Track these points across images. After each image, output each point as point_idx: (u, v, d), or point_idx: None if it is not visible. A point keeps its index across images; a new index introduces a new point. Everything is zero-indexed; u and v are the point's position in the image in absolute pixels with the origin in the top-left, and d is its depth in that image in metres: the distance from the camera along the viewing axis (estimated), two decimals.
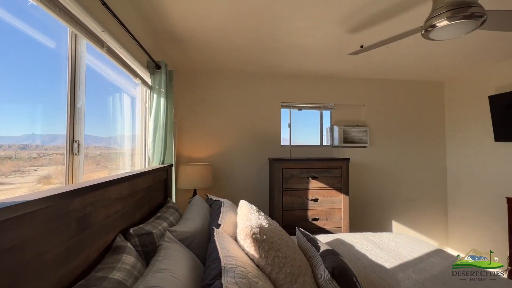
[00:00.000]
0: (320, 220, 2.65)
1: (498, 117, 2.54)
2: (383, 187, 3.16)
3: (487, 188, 2.76)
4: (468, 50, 2.35)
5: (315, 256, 1.13)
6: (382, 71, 2.97)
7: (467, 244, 2.98)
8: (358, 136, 3.09)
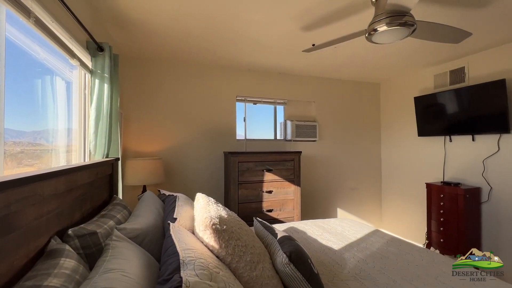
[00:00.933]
0: (274, 211, 2.75)
1: (420, 115, 2.99)
2: (330, 177, 3.44)
3: (412, 176, 3.24)
4: (399, 57, 2.70)
5: (273, 243, 1.16)
6: (331, 71, 3.20)
7: (397, 224, 3.46)
8: (308, 130, 3.28)
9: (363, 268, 1.36)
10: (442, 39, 1.74)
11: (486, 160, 2.47)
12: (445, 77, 2.84)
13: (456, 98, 2.63)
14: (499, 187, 2.38)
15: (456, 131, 2.66)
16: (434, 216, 2.67)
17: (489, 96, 2.35)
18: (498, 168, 2.38)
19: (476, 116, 2.48)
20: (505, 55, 2.34)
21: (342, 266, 1.38)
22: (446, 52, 2.59)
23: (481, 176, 2.50)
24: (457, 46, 2.43)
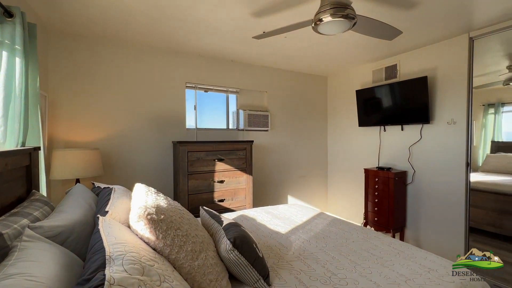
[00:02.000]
0: (226, 201, 2.72)
1: (361, 107, 3.26)
2: (281, 166, 3.55)
3: (353, 162, 3.55)
4: (343, 52, 2.87)
5: (219, 231, 1.13)
6: (283, 62, 3.25)
7: (340, 206, 3.77)
8: (261, 120, 3.31)
9: (307, 248, 1.43)
10: (378, 34, 1.89)
11: (411, 147, 2.83)
12: (381, 73, 3.14)
13: (390, 92, 2.93)
14: (420, 170, 2.76)
15: (389, 121, 2.98)
16: (370, 198, 2.98)
17: (414, 91, 2.67)
18: (420, 154, 2.76)
19: (404, 108, 2.81)
20: (428, 55, 2.68)
21: (287, 248, 1.43)
22: (382, 50, 2.84)
23: (407, 161, 2.86)
24: (391, 45, 2.69)
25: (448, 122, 2.52)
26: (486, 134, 4.59)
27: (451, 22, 2.17)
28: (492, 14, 2.03)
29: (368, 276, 1.15)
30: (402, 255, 1.37)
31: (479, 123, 4.63)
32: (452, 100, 2.50)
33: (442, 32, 2.38)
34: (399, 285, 1.09)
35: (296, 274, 1.16)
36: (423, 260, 1.31)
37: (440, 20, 2.12)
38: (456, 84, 2.48)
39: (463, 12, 2.00)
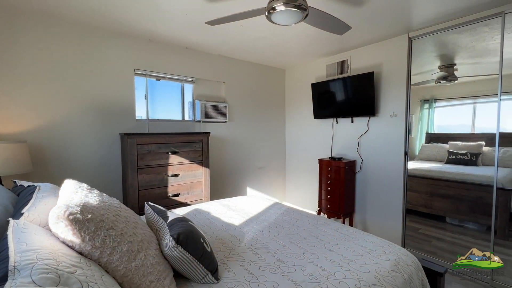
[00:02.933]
0: (182, 195, 2.61)
1: (316, 100, 3.38)
2: (240, 158, 3.53)
3: (309, 153, 3.69)
4: (300, 45, 2.92)
5: (163, 227, 1.06)
6: (241, 52, 3.18)
7: (298, 196, 3.91)
8: (218, 111, 3.22)
9: (259, 239, 1.43)
10: (329, 28, 1.94)
11: (359, 138, 3.04)
12: (334, 67, 3.28)
13: (341, 86, 3.08)
14: (367, 159, 2.98)
15: (341, 114, 3.15)
16: (323, 186, 3.14)
17: (363, 85, 2.85)
18: (367, 144, 2.98)
19: (354, 102, 2.99)
20: (375, 52, 2.87)
21: (240, 240, 1.41)
22: (335, 45, 2.96)
23: (356, 151, 3.07)
24: (343, 41, 2.82)
25: (391, 115, 2.76)
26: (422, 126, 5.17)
27: (393, 22, 2.34)
28: (426, 16, 2.24)
29: (315, 261, 1.19)
30: (347, 238, 1.46)
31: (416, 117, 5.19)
32: (394, 95, 2.73)
33: (386, 31, 2.56)
34: (342, 267, 1.15)
35: (246, 266, 1.14)
36: (365, 242, 1.41)
37: (384, 19, 2.27)
38: (397, 80, 2.70)
39: (403, 13, 2.17)
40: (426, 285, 1.28)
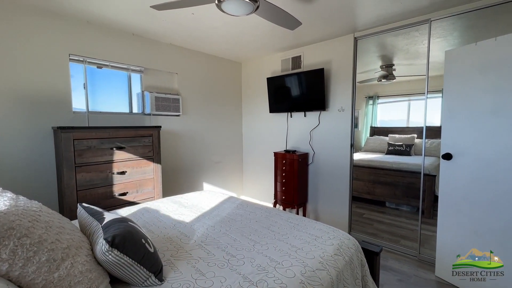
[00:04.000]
0: (130, 194, 2.42)
1: (271, 94, 3.43)
2: (195, 153, 3.42)
3: (265, 147, 3.75)
4: (255, 38, 2.91)
5: (97, 230, 0.96)
6: (194, 42, 3.04)
7: (255, 189, 3.97)
8: (171, 104, 3.05)
9: (210, 234, 1.40)
10: (281, 22, 1.96)
11: (312, 131, 3.19)
12: (288, 63, 3.36)
13: (295, 81, 3.18)
14: (318, 151, 3.15)
15: (295, 108, 3.25)
16: (279, 178, 3.23)
17: (314, 81, 2.98)
18: (318, 137, 3.14)
19: (307, 96, 3.11)
20: (325, 49, 3.01)
21: (189, 237, 1.36)
22: (289, 41, 3.03)
23: (309, 144, 3.22)
24: (296, 37, 2.89)
25: (339, 110, 2.94)
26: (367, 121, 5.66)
27: (341, 21, 2.47)
28: (369, 18, 2.41)
29: (265, 252, 1.21)
30: (297, 227, 1.52)
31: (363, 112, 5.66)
32: (342, 91, 2.91)
33: (335, 30, 2.70)
34: (290, 255, 1.19)
35: (194, 263, 1.11)
36: (313, 230, 1.49)
37: (333, 18, 2.38)
38: (344, 77, 2.88)
39: (348, 14, 2.30)
40: (364, 264, 1.41)
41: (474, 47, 1.91)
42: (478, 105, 1.89)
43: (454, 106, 2.03)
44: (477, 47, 1.89)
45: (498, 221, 1.78)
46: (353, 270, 1.30)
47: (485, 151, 1.85)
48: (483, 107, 1.86)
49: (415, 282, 2.08)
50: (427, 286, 2.03)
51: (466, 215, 1.96)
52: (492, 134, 1.81)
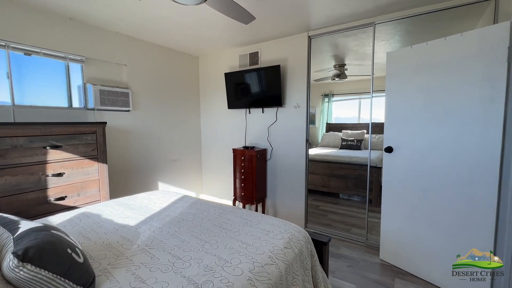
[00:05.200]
0: (70, 198, 2.17)
1: (229, 90, 3.38)
2: (149, 151, 3.21)
3: (224, 143, 3.69)
4: (211, 32, 2.81)
5: (7, 243, 0.81)
6: (144, 32, 2.83)
7: (215, 187, 3.88)
8: (119, 98, 2.80)
9: (157, 237, 1.31)
10: (234, 16, 1.91)
11: (269, 127, 3.23)
12: (246, 58, 3.34)
13: (252, 77, 3.17)
14: (276, 147, 3.20)
15: (253, 105, 3.25)
16: (238, 175, 3.21)
17: (271, 78, 3.01)
18: (276, 133, 3.19)
19: (264, 93, 3.13)
20: (282, 47, 3.05)
21: (132, 242, 1.26)
22: (247, 36, 3.00)
23: (267, 140, 3.25)
24: (253, 33, 2.87)
25: (295, 106, 3.01)
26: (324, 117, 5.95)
27: (295, 19, 2.52)
28: (321, 18, 2.50)
29: (214, 252, 1.17)
30: (250, 223, 1.51)
31: (319, 109, 5.93)
32: (298, 88, 2.99)
33: (290, 28, 2.74)
34: (240, 252, 1.17)
35: (135, 270, 1.02)
36: (265, 225, 1.49)
37: (287, 15, 2.41)
38: (300, 75, 2.96)
39: (302, 12, 2.35)
40: (314, 254, 1.46)
41: (410, 50, 2.10)
42: (414, 102, 2.09)
43: (394, 103, 2.22)
44: (413, 50, 2.09)
45: (429, 206, 2.00)
46: (303, 262, 1.33)
47: (420, 143, 2.06)
48: (417, 104, 2.06)
49: (362, 266, 2.24)
50: (373, 268, 2.21)
51: (404, 202, 2.16)
52: (425, 128, 2.02)
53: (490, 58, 1.67)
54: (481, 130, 1.72)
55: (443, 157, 1.92)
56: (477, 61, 1.73)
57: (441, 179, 1.93)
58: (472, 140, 1.77)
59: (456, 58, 1.83)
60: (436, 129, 1.95)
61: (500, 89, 1.64)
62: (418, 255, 2.08)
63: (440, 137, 1.93)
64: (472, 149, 1.77)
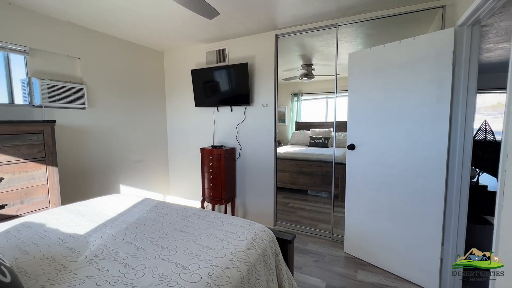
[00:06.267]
0: (11, 206, 1.93)
1: (196, 87, 3.27)
2: (109, 151, 2.98)
3: (192, 143, 3.57)
4: (176, 27, 2.68)
5: None
6: (100, 23, 2.61)
7: (183, 188, 3.75)
8: (72, 94, 2.56)
9: (109, 245, 1.21)
10: (196, 9, 1.83)
11: (238, 126, 3.18)
12: (213, 55, 3.25)
13: (220, 75, 3.10)
14: (245, 146, 3.17)
15: (221, 103, 3.18)
16: (206, 175, 3.12)
17: (239, 75, 2.97)
18: (244, 132, 3.16)
19: (232, 91, 3.08)
20: (249, 44, 3.02)
21: (79, 253, 1.14)
22: (214, 32, 2.92)
23: (236, 139, 3.21)
24: (221, 29, 2.80)
25: (263, 104, 3.01)
26: (293, 116, 6.06)
27: (262, 17, 2.50)
28: (287, 17, 2.51)
29: (171, 258, 1.11)
30: (213, 225, 1.46)
31: (289, 108, 6.03)
32: (266, 86, 2.98)
33: (257, 25, 2.72)
34: (199, 257, 1.12)
35: (78, 285, 0.92)
36: (229, 226, 1.46)
37: (253, 12, 2.38)
38: (268, 73, 2.95)
39: (268, 9, 2.33)
40: (278, 253, 1.46)
41: (369, 52, 2.20)
42: (373, 102, 2.19)
43: (356, 102, 2.31)
44: (372, 51, 2.18)
45: (387, 199, 2.11)
46: (267, 261, 1.32)
47: (378, 140, 2.17)
48: (377, 103, 2.16)
49: (328, 260, 2.31)
50: (338, 262, 2.29)
51: (365, 196, 2.27)
52: (383, 126, 2.13)
53: (438, 61, 1.80)
54: (431, 128, 1.86)
55: (399, 153, 2.04)
56: (427, 63, 1.85)
57: (397, 174, 2.05)
58: (423, 137, 1.90)
59: (409, 60, 1.95)
60: (393, 127, 2.07)
61: (446, 90, 1.77)
62: (378, 247, 2.19)
63: (396, 134, 2.05)
64: (423, 145, 1.90)
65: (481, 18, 1.56)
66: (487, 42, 3.22)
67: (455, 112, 1.79)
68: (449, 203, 1.83)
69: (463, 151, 1.78)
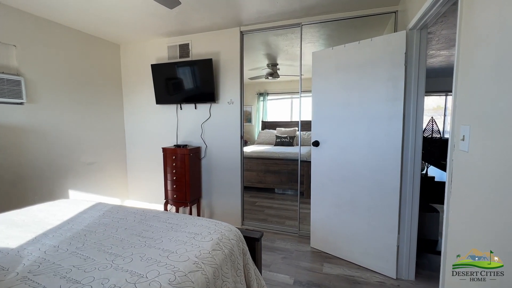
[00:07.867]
0: None
1: (157, 83, 3.07)
2: (55, 153, 2.64)
3: (153, 142, 3.35)
4: (135, 17, 2.48)
5: None
6: (42, 8, 2.29)
7: (144, 191, 3.49)
8: (5, 87, 2.21)
9: (48, 258, 1.04)
10: None
11: (203, 124, 3.07)
12: (175, 50, 3.09)
13: (183, 71, 2.96)
14: (210, 144, 3.07)
15: (185, 100, 3.03)
16: (169, 176, 2.94)
17: (203, 72, 2.86)
18: (210, 130, 3.06)
19: (196, 88, 2.95)
20: (214, 40, 2.93)
21: (9, 269, 0.95)
22: (175, 26, 2.76)
23: (201, 137, 3.09)
24: (183, 23, 2.66)
25: (229, 102, 2.94)
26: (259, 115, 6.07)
27: (226, 11, 2.43)
28: (251, 13, 2.48)
29: (125, 267, 0.99)
30: (175, 228, 1.36)
31: (255, 107, 6.03)
32: (231, 83, 2.92)
33: (222, 20, 2.65)
34: (159, 263, 1.02)
35: None
36: (193, 227, 1.36)
37: (217, 6, 2.30)
38: (233, 70, 2.89)
39: (231, 4, 2.28)
40: (246, 252, 1.41)
41: (331, 51, 2.28)
42: (335, 100, 2.26)
43: (320, 100, 2.37)
44: (333, 51, 2.26)
45: (350, 193, 2.20)
46: (234, 262, 1.26)
47: (341, 137, 2.25)
48: (338, 101, 2.24)
49: (295, 256, 2.33)
50: (305, 257, 2.32)
51: (329, 191, 2.33)
52: (345, 123, 2.21)
53: (392, 62, 1.93)
54: (387, 124, 1.98)
55: (359, 149, 2.13)
56: (384, 63, 1.97)
57: (358, 168, 2.14)
58: (380, 134, 2.02)
59: (367, 60, 2.05)
60: (354, 124, 2.16)
61: (400, 89, 1.90)
62: (342, 239, 2.27)
63: (358, 131, 2.14)
64: (381, 141, 2.01)
65: (428, 22, 1.70)
66: (430, 49, 3.59)
67: (407, 110, 1.93)
68: (403, 194, 1.97)
69: (415, 146, 1.93)
